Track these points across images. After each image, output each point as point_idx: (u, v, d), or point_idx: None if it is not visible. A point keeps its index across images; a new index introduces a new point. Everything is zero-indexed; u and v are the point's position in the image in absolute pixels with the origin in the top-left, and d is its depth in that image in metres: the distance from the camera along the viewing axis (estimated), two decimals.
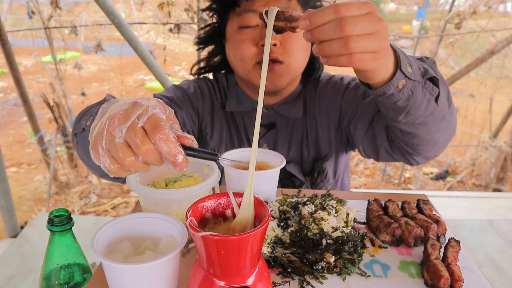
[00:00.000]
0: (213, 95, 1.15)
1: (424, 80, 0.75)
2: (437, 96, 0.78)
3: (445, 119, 0.84)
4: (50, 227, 0.69)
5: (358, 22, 0.57)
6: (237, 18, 1.01)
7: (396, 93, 0.72)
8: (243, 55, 1.00)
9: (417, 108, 0.77)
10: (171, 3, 2.56)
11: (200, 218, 0.56)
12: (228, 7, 1.04)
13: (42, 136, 3.28)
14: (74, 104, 4.90)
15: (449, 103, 0.83)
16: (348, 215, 0.75)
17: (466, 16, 2.67)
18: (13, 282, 2.17)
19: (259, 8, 0.97)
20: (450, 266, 0.63)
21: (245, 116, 1.13)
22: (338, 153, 1.16)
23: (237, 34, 1.01)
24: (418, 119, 0.80)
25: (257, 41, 0.98)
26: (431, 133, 0.85)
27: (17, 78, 2.82)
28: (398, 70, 0.69)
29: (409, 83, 0.72)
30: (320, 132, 1.12)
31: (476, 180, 4.01)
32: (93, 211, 3.35)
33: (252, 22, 0.99)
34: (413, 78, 0.72)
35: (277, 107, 1.11)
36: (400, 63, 0.69)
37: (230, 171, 0.83)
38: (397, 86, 0.71)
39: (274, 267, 0.67)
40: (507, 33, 3.03)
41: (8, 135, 5.22)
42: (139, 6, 2.90)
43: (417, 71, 0.74)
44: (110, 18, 2.40)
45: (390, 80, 0.70)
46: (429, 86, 0.76)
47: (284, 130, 1.12)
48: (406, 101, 0.75)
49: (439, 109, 0.80)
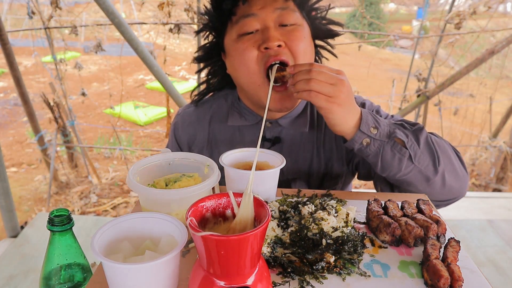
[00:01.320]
0: (201, 122, 1.14)
1: (391, 140, 0.86)
2: (410, 157, 0.86)
3: (431, 181, 0.90)
4: (50, 227, 0.69)
5: (321, 73, 0.81)
6: (235, 26, 0.95)
7: (363, 148, 0.87)
8: (248, 65, 0.94)
9: (389, 165, 0.88)
10: (171, 3, 2.56)
11: (200, 218, 0.56)
12: (225, 17, 0.98)
13: (42, 136, 3.28)
14: (74, 104, 4.90)
15: (435, 167, 0.89)
16: (348, 215, 0.75)
17: (466, 16, 2.67)
18: (13, 282, 2.18)
19: (257, 12, 0.92)
20: (450, 266, 0.63)
21: (246, 131, 1.10)
22: (350, 175, 1.13)
23: (237, 43, 0.95)
24: (396, 175, 0.89)
25: (260, 44, 0.92)
26: (420, 190, 0.93)
27: (17, 78, 2.82)
28: (358, 130, 0.85)
29: (374, 142, 0.86)
30: (334, 149, 1.08)
31: (476, 180, 4.01)
32: (93, 211, 3.35)
33: (252, 28, 0.93)
34: (377, 138, 0.86)
35: (281, 120, 1.06)
36: (361, 125, 0.85)
37: (230, 171, 0.83)
38: (361, 143, 0.86)
39: (274, 267, 0.67)
40: (507, 33, 3.03)
41: (8, 135, 5.22)
42: (139, 6, 2.90)
43: (384, 132, 0.86)
44: (110, 18, 2.40)
45: (353, 137, 0.86)
46: (397, 147, 0.86)
47: (290, 145, 1.07)
48: (375, 157, 0.87)
49: (418, 169, 0.88)
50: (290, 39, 0.93)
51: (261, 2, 0.92)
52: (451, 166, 0.93)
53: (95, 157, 4.37)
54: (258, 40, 0.93)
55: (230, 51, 0.99)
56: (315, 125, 1.08)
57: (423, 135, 0.89)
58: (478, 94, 4.20)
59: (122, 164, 4.25)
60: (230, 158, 0.89)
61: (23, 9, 3.05)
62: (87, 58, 8.99)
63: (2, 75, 7.90)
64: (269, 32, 0.91)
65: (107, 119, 5.64)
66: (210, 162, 0.84)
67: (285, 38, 0.92)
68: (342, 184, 1.12)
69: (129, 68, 8.40)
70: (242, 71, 0.96)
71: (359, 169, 1.09)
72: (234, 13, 0.95)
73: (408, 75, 3.60)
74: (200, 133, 1.14)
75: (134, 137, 5.20)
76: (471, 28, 3.42)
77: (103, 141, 4.95)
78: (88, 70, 8.27)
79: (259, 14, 0.92)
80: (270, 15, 0.93)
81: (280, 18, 0.93)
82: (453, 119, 4.49)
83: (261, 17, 0.92)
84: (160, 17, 2.65)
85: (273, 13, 0.93)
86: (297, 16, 0.96)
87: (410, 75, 3.51)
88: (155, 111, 5.92)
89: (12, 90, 6.82)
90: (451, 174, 0.93)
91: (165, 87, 2.73)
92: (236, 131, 1.10)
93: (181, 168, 0.88)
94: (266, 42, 0.90)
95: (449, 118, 4.50)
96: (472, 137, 4.45)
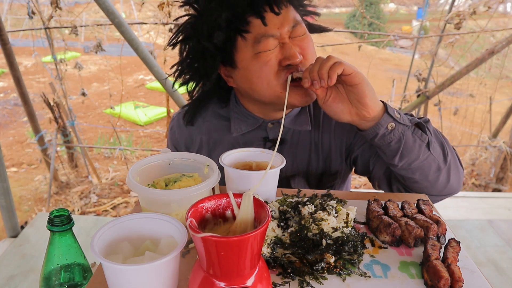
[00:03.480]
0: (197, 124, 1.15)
1: (412, 126, 0.89)
2: (428, 143, 0.89)
3: (441, 170, 0.93)
4: (50, 227, 0.69)
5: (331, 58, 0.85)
6: (254, 44, 0.94)
7: (387, 133, 0.87)
8: (270, 77, 0.95)
9: (410, 151, 0.89)
10: (171, 3, 2.56)
11: (200, 218, 0.56)
12: (233, 35, 0.96)
13: (42, 136, 3.28)
14: (74, 104, 4.90)
15: (445, 157, 0.93)
16: (348, 215, 0.75)
17: (466, 16, 2.67)
18: (13, 282, 2.18)
19: (275, 31, 0.93)
20: (450, 267, 0.63)
21: (248, 134, 1.10)
22: (347, 171, 1.14)
23: (257, 60, 0.95)
24: (413, 162, 0.91)
25: (280, 59, 0.94)
26: (429, 180, 0.94)
27: (17, 78, 2.82)
28: (385, 112, 0.86)
29: (398, 127, 0.87)
30: (332, 146, 1.09)
31: (476, 180, 4.01)
32: (93, 211, 3.35)
33: (272, 46, 0.94)
34: (402, 122, 0.87)
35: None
36: (387, 108, 0.87)
37: (230, 171, 0.83)
38: (386, 127, 0.87)
39: (274, 268, 0.67)
40: (506, 33, 3.03)
41: (9, 135, 5.22)
42: (139, 6, 2.90)
43: (405, 118, 0.89)
44: (110, 18, 2.40)
45: (379, 121, 0.86)
46: (418, 132, 0.89)
47: (289, 142, 1.09)
48: (398, 142, 0.88)
49: (433, 157, 0.91)
50: (304, 49, 0.96)
51: (278, 21, 0.93)
52: (455, 160, 0.97)
53: (95, 157, 4.37)
54: (278, 56, 0.94)
55: (246, 67, 0.97)
56: (313, 122, 1.10)
57: (431, 126, 0.93)
58: (478, 94, 4.21)
59: (122, 164, 4.25)
60: (230, 158, 0.89)
61: (23, 9, 3.05)
62: (87, 58, 9.00)
63: (2, 75, 7.90)
64: (290, 49, 0.93)
65: (107, 119, 5.64)
66: (210, 162, 0.84)
67: (299, 48, 0.95)
68: (341, 180, 1.14)
69: (129, 68, 8.40)
70: (261, 83, 0.97)
71: (356, 165, 1.10)
72: (249, 31, 0.94)
73: (408, 75, 3.60)
74: (197, 135, 1.15)
75: (134, 137, 5.20)
76: (471, 28, 3.42)
77: (103, 141, 4.95)
78: (88, 70, 8.27)
79: (278, 33, 0.94)
80: (287, 32, 0.95)
81: (293, 33, 0.96)
82: (453, 119, 4.49)
83: (279, 35, 0.94)
84: (160, 17, 2.65)
85: (289, 30, 0.95)
86: (304, 25, 0.99)
87: (410, 75, 3.51)
88: (155, 111, 5.92)
89: (12, 90, 6.82)
90: (454, 168, 0.96)
91: (165, 87, 2.73)
92: (237, 136, 1.11)
93: (181, 168, 0.88)
94: (290, 59, 0.92)
95: (449, 118, 4.50)
96: (472, 137, 4.45)
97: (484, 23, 3.03)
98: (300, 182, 1.09)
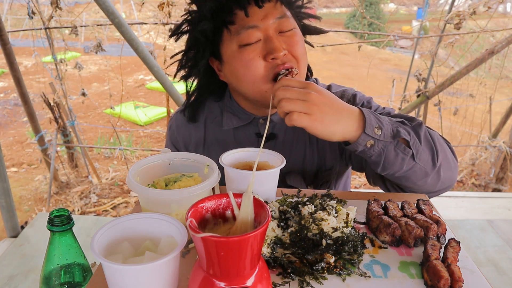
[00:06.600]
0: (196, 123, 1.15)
1: (394, 141, 0.85)
2: (413, 155, 0.86)
3: (429, 175, 0.91)
4: (50, 227, 0.69)
5: (288, 90, 0.81)
6: (236, 36, 0.95)
7: (366, 150, 0.85)
8: (255, 75, 0.94)
9: (392, 164, 0.87)
10: (171, 3, 2.56)
11: (200, 219, 0.56)
12: (221, 26, 0.97)
13: (42, 136, 3.28)
14: (74, 104, 4.90)
15: (434, 162, 0.90)
16: (348, 215, 0.75)
17: (466, 16, 2.67)
18: (13, 282, 2.18)
19: (258, 23, 0.93)
20: (450, 267, 0.63)
21: (240, 130, 1.11)
22: (343, 167, 1.14)
23: (241, 53, 0.94)
24: (396, 173, 0.89)
25: (265, 54, 0.93)
26: (418, 184, 0.93)
27: (17, 78, 2.82)
28: (362, 133, 0.83)
29: (378, 143, 0.84)
30: (327, 142, 1.08)
31: (476, 180, 4.01)
32: (93, 211, 3.35)
33: (255, 38, 0.93)
34: (382, 139, 0.84)
35: (273, 116, 1.08)
36: (365, 127, 0.83)
37: (230, 171, 0.83)
38: (365, 145, 0.84)
39: (274, 268, 0.67)
40: (506, 33, 3.03)
41: (9, 135, 5.22)
42: (139, 6, 2.90)
43: (388, 132, 0.85)
44: (110, 19, 2.40)
45: (357, 140, 0.84)
46: (400, 147, 0.86)
47: (283, 140, 1.09)
48: (378, 157, 0.86)
49: (419, 166, 0.88)
50: (291, 45, 0.95)
51: (262, 13, 0.93)
52: (446, 160, 0.94)
53: (95, 157, 4.37)
54: (263, 50, 0.93)
55: (231, 61, 0.98)
56: None
57: (422, 131, 0.89)
58: (478, 94, 4.20)
59: (122, 164, 4.25)
60: (230, 158, 0.89)
61: (23, 9, 3.05)
62: (87, 58, 8.99)
63: (3, 75, 7.90)
64: (274, 43, 0.92)
65: (107, 119, 5.64)
66: (210, 162, 0.84)
67: (286, 44, 0.94)
68: (337, 175, 1.14)
69: (129, 68, 8.40)
70: (247, 80, 0.96)
71: (352, 161, 1.11)
72: (233, 22, 0.95)
73: (408, 75, 3.60)
74: (195, 134, 1.15)
75: (134, 137, 5.20)
76: (471, 28, 3.42)
77: (103, 141, 4.95)
78: (88, 70, 8.27)
79: (261, 25, 0.93)
80: (271, 25, 0.94)
81: (279, 26, 0.95)
82: (453, 119, 4.49)
83: (262, 27, 0.93)
84: (160, 17, 2.65)
85: (273, 23, 0.94)
86: (292, 21, 0.98)
87: (410, 75, 3.51)
88: (155, 111, 5.92)
89: (12, 90, 6.82)
90: (446, 167, 0.94)
91: (165, 87, 2.74)
92: (230, 131, 1.12)
93: (181, 168, 0.88)
94: (272, 53, 0.91)
95: (449, 118, 4.50)
96: (472, 137, 4.45)
97: (484, 23, 3.03)
98: (296, 178, 1.09)
